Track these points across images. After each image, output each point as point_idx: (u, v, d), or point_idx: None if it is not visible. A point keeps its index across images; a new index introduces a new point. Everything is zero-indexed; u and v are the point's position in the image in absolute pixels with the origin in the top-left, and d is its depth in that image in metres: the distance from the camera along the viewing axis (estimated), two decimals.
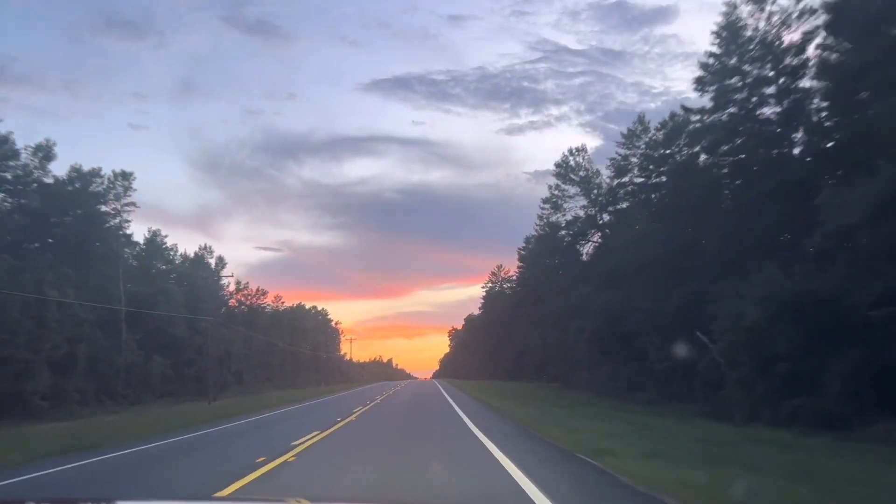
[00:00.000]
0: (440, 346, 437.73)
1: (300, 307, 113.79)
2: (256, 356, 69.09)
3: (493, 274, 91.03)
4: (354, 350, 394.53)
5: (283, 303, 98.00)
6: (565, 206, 49.18)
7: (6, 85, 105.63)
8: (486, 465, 10.53)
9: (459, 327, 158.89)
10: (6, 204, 39.23)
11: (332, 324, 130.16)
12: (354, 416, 23.46)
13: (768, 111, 26.87)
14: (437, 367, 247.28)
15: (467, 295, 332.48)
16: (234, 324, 62.26)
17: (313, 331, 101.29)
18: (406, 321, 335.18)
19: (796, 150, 26.19)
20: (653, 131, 39.81)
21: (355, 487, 9.14)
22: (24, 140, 43.12)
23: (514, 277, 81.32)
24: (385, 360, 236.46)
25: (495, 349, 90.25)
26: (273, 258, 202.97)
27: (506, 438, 14.47)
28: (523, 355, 76.14)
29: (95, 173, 43.92)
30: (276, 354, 75.53)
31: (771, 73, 26.49)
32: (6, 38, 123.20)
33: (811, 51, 24.43)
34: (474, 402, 30.87)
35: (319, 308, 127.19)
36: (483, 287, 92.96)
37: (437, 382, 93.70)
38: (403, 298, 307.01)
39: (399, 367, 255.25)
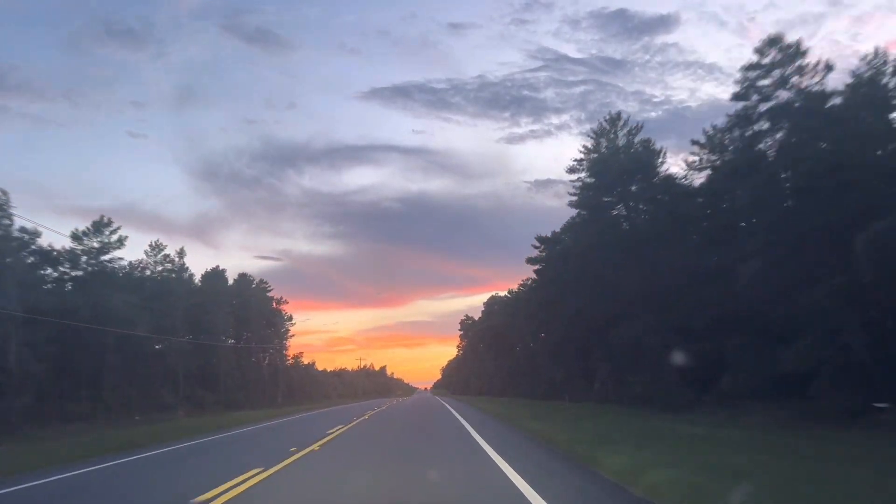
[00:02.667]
0: (440, 356, 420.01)
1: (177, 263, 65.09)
2: None
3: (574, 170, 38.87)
4: (343, 357, 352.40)
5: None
6: None
7: (6, 93, 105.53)
8: None
9: (477, 317, 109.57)
10: None
11: (273, 305, 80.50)
12: None
13: None
14: (440, 377, 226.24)
15: (467, 304, 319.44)
16: None
17: (199, 301, 50.62)
18: (406, 331, 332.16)
19: None
20: None
21: None
22: None
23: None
24: (376, 369, 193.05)
25: (561, 346, 41.25)
26: (273, 267, 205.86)
27: None
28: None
29: None
30: None
31: None
32: (6, 47, 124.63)
33: None
34: None
35: (252, 276, 77.45)
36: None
37: (448, 406, 44.88)
38: (403, 308, 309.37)
39: (395, 376, 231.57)
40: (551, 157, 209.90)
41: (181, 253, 52.90)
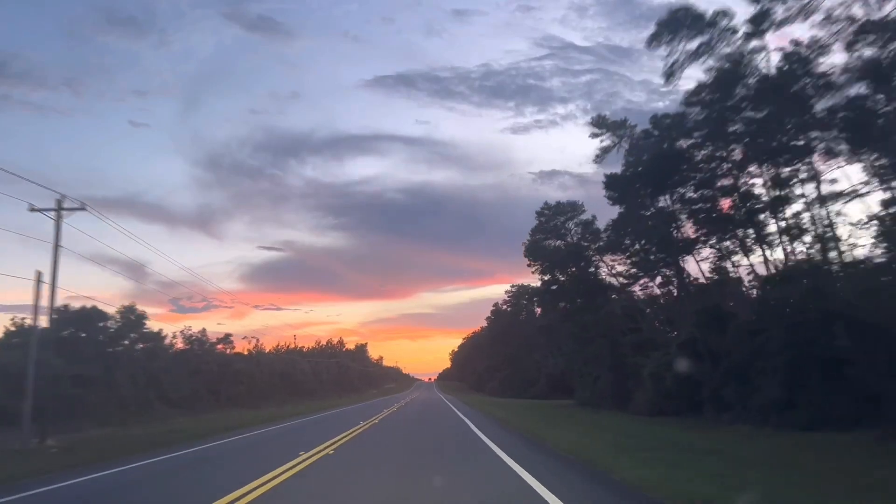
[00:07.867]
0: (443, 348, 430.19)
1: None
2: None
3: None
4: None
5: None
6: None
7: (7, 81, 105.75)
8: None
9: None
10: None
11: None
12: None
13: None
14: (448, 365, 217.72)
15: (470, 297, 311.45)
16: None
17: None
18: (409, 323, 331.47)
19: None
20: None
21: None
22: None
23: None
24: (349, 347, 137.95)
25: None
26: (275, 258, 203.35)
27: None
28: None
29: None
30: None
31: None
32: (7, 35, 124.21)
33: None
34: None
35: None
36: None
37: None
38: (407, 300, 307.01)
39: (384, 361, 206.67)
40: (557, 147, 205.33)
41: None
